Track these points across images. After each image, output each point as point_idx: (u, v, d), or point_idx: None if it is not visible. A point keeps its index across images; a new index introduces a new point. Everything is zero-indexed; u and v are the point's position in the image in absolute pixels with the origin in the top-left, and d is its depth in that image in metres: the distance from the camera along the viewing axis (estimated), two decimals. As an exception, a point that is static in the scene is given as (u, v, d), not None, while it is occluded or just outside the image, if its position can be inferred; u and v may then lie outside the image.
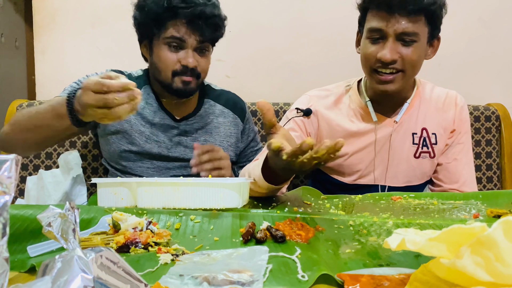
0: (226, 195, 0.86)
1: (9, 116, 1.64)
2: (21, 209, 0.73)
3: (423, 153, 1.20)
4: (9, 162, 0.39)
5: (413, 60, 1.09)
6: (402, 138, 1.20)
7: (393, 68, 1.10)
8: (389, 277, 0.53)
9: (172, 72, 1.18)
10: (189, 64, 1.17)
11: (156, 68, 1.21)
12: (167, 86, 1.21)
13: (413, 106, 1.22)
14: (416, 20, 1.07)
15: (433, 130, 1.21)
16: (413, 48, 1.09)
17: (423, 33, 1.10)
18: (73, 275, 0.39)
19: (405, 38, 1.08)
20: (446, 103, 1.24)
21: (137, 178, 0.96)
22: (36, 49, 1.85)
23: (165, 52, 1.18)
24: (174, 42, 1.17)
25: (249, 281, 0.52)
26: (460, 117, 1.23)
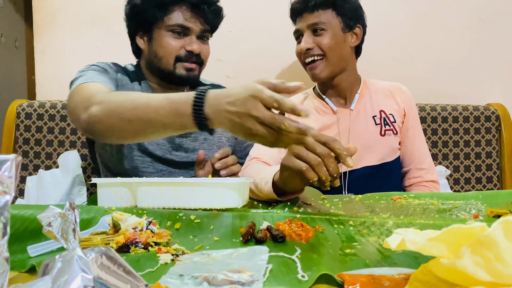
0: (226, 195, 0.86)
1: (9, 116, 1.65)
2: (21, 209, 0.73)
3: (387, 130, 1.35)
4: (10, 162, 0.39)
5: (327, 44, 1.29)
6: (363, 123, 1.35)
7: (314, 55, 1.30)
8: (389, 277, 0.53)
9: (176, 58, 1.17)
10: (194, 50, 1.17)
11: (156, 56, 1.18)
12: (169, 74, 1.18)
13: (364, 96, 1.39)
14: (322, 13, 1.30)
15: (389, 111, 1.37)
16: (324, 35, 1.29)
17: (333, 23, 1.30)
18: (73, 275, 0.39)
19: (315, 28, 1.30)
20: (393, 90, 1.40)
21: (137, 178, 0.96)
22: (36, 49, 1.85)
23: (168, 39, 1.16)
24: (177, 29, 1.16)
25: (249, 281, 0.52)
26: (408, 102, 1.39)
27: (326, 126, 1.35)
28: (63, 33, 1.82)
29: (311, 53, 1.30)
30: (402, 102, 1.38)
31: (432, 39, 1.85)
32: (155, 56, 1.19)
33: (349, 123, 1.34)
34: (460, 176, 1.71)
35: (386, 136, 1.35)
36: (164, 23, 1.16)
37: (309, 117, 0.94)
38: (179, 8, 1.16)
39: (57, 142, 1.63)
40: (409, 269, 0.56)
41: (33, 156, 1.63)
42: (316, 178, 0.82)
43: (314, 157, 0.82)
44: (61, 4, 1.82)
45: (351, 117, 1.35)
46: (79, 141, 1.64)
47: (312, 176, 0.82)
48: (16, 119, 1.64)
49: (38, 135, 1.64)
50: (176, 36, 1.16)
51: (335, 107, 1.37)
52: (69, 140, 1.64)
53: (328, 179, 0.82)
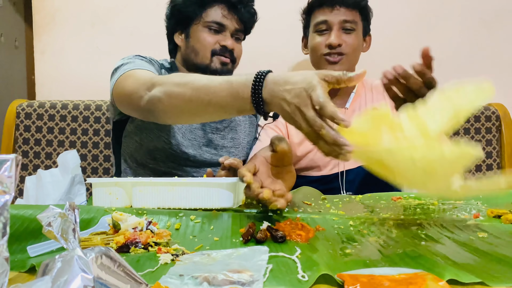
0: (221, 194, 0.86)
1: (9, 116, 1.65)
2: (21, 209, 0.73)
3: None
4: (9, 161, 0.39)
5: (353, 45, 1.30)
6: None
7: (337, 53, 1.30)
8: (389, 277, 0.53)
9: (212, 51, 1.23)
10: (228, 45, 1.23)
11: (194, 51, 1.25)
12: (205, 67, 1.23)
13: (360, 95, 1.38)
14: (354, 14, 1.31)
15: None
16: (353, 36, 1.30)
17: (359, 25, 1.32)
18: (73, 275, 0.39)
19: (347, 26, 1.29)
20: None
21: (132, 178, 0.96)
22: (36, 49, 1.85)
23: (205, 34, 1.23)
24: (214, 25, 1.23)
25: (249, 281, 0.52)
26: None
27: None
28: (63, 33, 1.82)
29: (336, 50, 1.29)
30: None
31: (432, 39, 1.85)
32: (193, 50, 1.25)
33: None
34: (460, 176, 1.71)
35: None
36: (202, 20, 1.23)
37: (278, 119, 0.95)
38: (217, 5, 1.23)
39: (56, 142, 1.63)
40: (409, 269, 0.56)
41: (32, 156, 1.63)
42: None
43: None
44: (61, 4, 1.82)
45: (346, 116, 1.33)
46: (79, 141, 1.64)
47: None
48: (16, 119, 1.64)
49: (38, 135, 1.63)
50: (212, 32, 1.23)
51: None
52: (69, 140, 1.63)
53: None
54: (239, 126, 1.35)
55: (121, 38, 1.81)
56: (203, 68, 1.24)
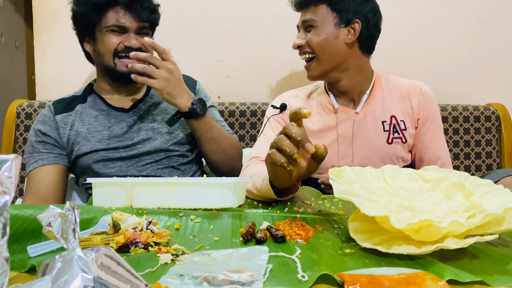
0: (222, 194, 0.86)
1: (9, 116, 1.65)
2: (21, 209, 0.73)
3: (395, 138, 1.27)
4: (9, 162, 0.39)
5: (314, 41, 1.24)
6: (370, 127, 1.27)
7: (305, 53, 1.26)
8: (389, 277, 0.53)
9: (114, 52, 1.24)
10: (132, 45, 1.23)
11: (99, 54, 1.27)
12: (111, 71, 1.26)
13: (375, 97, 1.29)
14: (316, 9, 1.24)
15: (401, 118, 1.27)
16: (313, 32, 1.24)
17: (326, 19, 1.23)
18: (73, 275, 0.39)
19: (305, 25, 1.26)
20: (411, 91, 1.29)
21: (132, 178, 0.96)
22: (36, 49, 1.85)
23: (107, 36, 1.24)
24: (115, 28, 1.24)
25: (249, 281, 0.52)
26: (425, 105, 1.28)
27: (330, 127, 1.29)
28: (63, 33, 1.82)
29: (302, 50, 1.27)
30: (419, 105, 1.28)
31: (432, 39, 1.85)
32: (99, 54, 1.27)
33: (352, 127, 1.26)
34: (460, 176, 1.71)
35: (393, 144, 1.26)
36: (102, 25, 1.25)
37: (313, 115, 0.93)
38: (113, 9, 1.24)
39: (57, 142, 1.63)
40: (409, 269, 0.57)
41: (33, 156, 1.63)
42: (282, 158, 0.80)
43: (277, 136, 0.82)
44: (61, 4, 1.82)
45: (355, 121, 1.27)
46: (79, 141, 1.63)
47: (278, 157, 0.81)
48: (16, 119, 1.64)
49: (38, 135, 1.63)
50: (115, 34, 1.24)
51: (336, 104, 1.29)
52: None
53: (294, 150, 0.80)
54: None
55: (121, 38, 1.81)
56: (109, 71, 1.27)
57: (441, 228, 0.60)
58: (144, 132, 1.30)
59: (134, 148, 1.28)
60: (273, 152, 0.82)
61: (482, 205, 0.67)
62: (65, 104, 1.33)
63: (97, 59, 1.30)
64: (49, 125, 1.28)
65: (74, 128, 1.28)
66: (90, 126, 1.29)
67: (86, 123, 1.29)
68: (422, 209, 0.74)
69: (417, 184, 0.81)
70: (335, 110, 1.29)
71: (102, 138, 1.27)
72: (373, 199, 0.75)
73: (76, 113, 1.31)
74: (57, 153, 1.27)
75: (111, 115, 1.31)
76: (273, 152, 0.82)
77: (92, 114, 1.31)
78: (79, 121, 1.30)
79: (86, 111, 1.32)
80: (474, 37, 1.85)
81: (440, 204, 0.75)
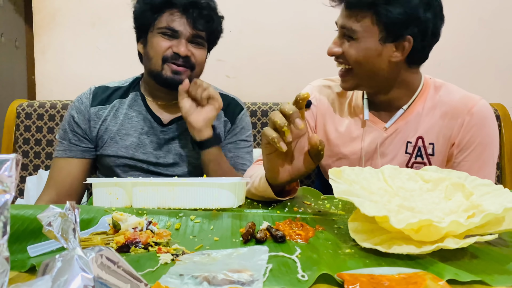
0: (222, 195, 0.86)
1: (9, 116, 1.65)
2: (21, 209, 0.73)
3: (416, 163, 1.11)
4: (10, 161, 0.39)
5: (351, 56, 1.05)
6: (395, 146, 1.13)
7: (342, 63, 1.08)
8: (388, 276, 0.53)
9: (162, 58, 1.19)
10: (180, 52, 1.17)
11: (148, 57, 1.22)
12: (157, 75, 1.21)
13: (413, 112, 1.12)
14: (357, 16, 1.02)
15: (431, 140, 1.10)
16: (350, 44, 1.05)
17: (369, 32, 1.02)
18: (73, 275, 0.39)
19: (345, 33, 1.05)
20: (458, 108, 1.09)
21: (132, 178, 0.96)
22: (36, 49, 1.85)
23: (157, 39, 1.19)
24: (168, 31, 1.19)
25: (249, 281, 0.52)
26: (469, 128, 1.07)
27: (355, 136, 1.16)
28: (63, 33, 1.82)
29: (338, 59, 1.09)
30: (461, 126, 1.08)
31: (432, 39, 1.85)
32: (147, 57, 1.22)
33: (377, 142, 1.13)
34: (460, 176, 1.71)
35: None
36: (156, 26, 1.20)
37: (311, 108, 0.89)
38: (169, 11, 1.19)
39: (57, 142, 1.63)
40: (409, 269, 0.57)
41: (33, 156, 1.63)
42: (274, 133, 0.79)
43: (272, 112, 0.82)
44: (61, 4, 1.82)
45: (381, 136, 1.13)
46: (79, 141, 1.63)
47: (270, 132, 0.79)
48: (16, 119, 1.64)
49: (38, 135, 1.64)
50: (165, 38, 1.19)
51: (367, 116, 1.14)
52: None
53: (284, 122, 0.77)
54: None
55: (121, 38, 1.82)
56: (155, 75, 1.21)
57: (441, 228, 0.60)
58: (172, 156, 1.27)
59: (157, 167, 1.26)
60: (266, 128, 0.81)
61: (482, 205, 0.67)
62: (105, 95, 1.29)
63: (145, 61, 1.26)
64: (83, 115, 1.26)
65: (106, 123, 1.26)
66: (122, 127, 1.26)
67: (119, 121, 1.26)
68: (422, 209, 0.74)
69: (417, 184, 0.81)
70: (364, 122, 1.15)
71: (129, 145, 1.25)
72: (373, 199, 0.75)
73: (112, 108, 1.27)
74: (85, 147, 1.26)
75: (146, 122, 1.27)
76: (266, 128, 0.81)
77: (128, 114, 1.27)
78: (112, 117, 1.26)
79: (123, 108, 1.28)
80: (474, 37, 1.85)
81: (440, 204, 0.75)
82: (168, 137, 1.27)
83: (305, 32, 1.83)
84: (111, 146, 1.24)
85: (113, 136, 1.24)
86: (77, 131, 1.25)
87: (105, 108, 1.27)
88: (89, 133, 1.25)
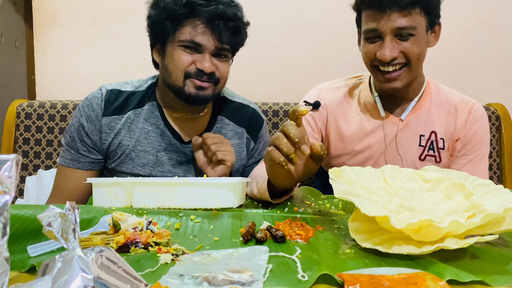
0: (222, 194, 0.86)
1: (9, 116, 1.65)
2: (21, 209, 0.73)
3: (429, 156, 1.18)
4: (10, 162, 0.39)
5: (414, 52, 1.08)
6: (409, 138, 1.18)
7: (396, 64, 1.09)
8: (389, 277, 0.53)
9: (185, 73, 1.07)
10: (205, 69, 1.06)
11: (167, 71, 1.10)
12: (178, 91, 1.09)
13: (422, 107, 1.19)
14: (410, 13, 1.06)
15: (441, 135, 1.18)
16: (411, 41, 1.07)
17: (420, 25, 1.08)
18: (73, 275, 0.39)
19: (402, 33, 1.07)
20: (460, 108, 1.19)
21: (132, 178, 0.95)
22: (36, 49, 1.85)
23: (179, 53, 1.07)
24: (190, 44, 1.06)
25: (249, 281, 0.52)
26: (471, 126, 1.17)
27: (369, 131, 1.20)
28: (63, 33, 1.82)
29: (393, 62, 1.08)
30: (464, 124, 1.17)
31: (432, 39, 1.85)
32: (166, 70, 1.10)
33: (395, 134, 1.18)
34: (460, 176, 1.71)
35: (425, 161, 1.18)
36: (176, 38, 1.07)
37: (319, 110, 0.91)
38: (192, 22, 1.06)
39: (57, 142, 1.63)
40: (409, 269, 0.57)
41: (33, 156, 1.63)
42: (281, 157, 0.80)
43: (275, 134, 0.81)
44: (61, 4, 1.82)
45: (398, 128, 1.18)
46: (79, 141, 1.63)
47: (277, 155, 0.80)
48: (16, 119, 1.64)
49: (38, 135, 1.64)
50: (187, 51, 1.07)
51: (383, 112, 1.19)
52: (69, 140, 1.64)
53: (291, 150, 0.79)
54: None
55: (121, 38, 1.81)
56: (177, 90, 1.09)
57: (441, 228, 0.60)
58: (191, 176, 1.17)
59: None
60: (272, 149, 0.81)
61: (482, 205, 0.67)
62: (119, 103, 1.15)
63: (163, 73, 1.12)
64: (94, 124, 1.13)
65: (119, 137, 1.14)
66: (138, 144, 1.14)
67: (135, 137, 1.14)
68: (422, 209, 0.74)
69: (417, 184, 0.81)
70: (381, 116, 1.19)
71: (146, 164, 1.14)
72: (373, 199, 0.75)
73: (126, 120, 1.14)
74: (94, 159, 1.15)
75: (164, 139, 1.16)
76: (272, 150, 0.81)
77: (144, 129, 1.15)
78: (126, 131, 1.14)
79: (139, 121, 1.15)
80: (474, 37, 1.85)
81: (440, 204, 0.75)
82: (188, 157, 1.17)
83: (305, 32, 1.83)
84: (126, 163, 1.14)
85: (128, 153, 1.14)
86: (86, 142, 1.13)
87: (119, 119, 1.14)
88: (99, 145, 1.14)
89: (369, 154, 1.21)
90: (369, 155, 1.21)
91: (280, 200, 0.93)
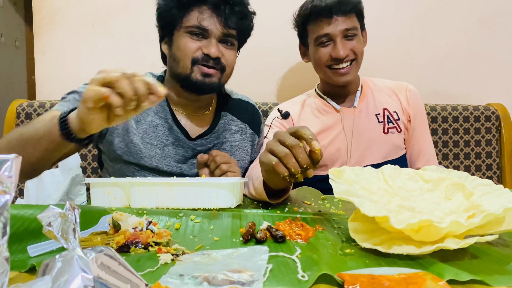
0: (220, 195, 0.86)
1: (9, 116, 1.64)
2: (21, 209, 0.73)
3: (391, 128, 1.35)
4: (10, 161, 0.39)
5: (359, 49, 1.31)
6: (366, 121, 1.35)
7: (347, 61, 1.29)
8: (389, 277, 0.53)
9: (192, 60, 1.09)
10: (211, 53, 1.08)
11: (175, 59, 1.12)
12: (186, 78, 1.11)
13: (366, 94, 1.39)
14: (351, 18, 1.29)
15: (393, 109, 1.37)
16: (356, 40, 1.30)
17: (358, 27, 1.31)
18: (73, 275, 0.39)
19: (349, 34, 1.28)
20: (397, 89, 1.40)
21: (130, 178, 0.95)
22: (36, 49, 1.85)
23: (185, 40, 1.09)
24: (195, 30, 1.09)
25: (249, 281, 0.52)
26: (414, 101, 1.38)
27: (330, 126, 1.35)
28: (63, 33, 1.82)
29: (345, 59, 1.29)
30: (407, 101, 1.38)
31: (432, 39, 1.85)
32: (174, 59, 1.12)
33: (352, 121, 1.34)
34: (460, 176, 1.71)
35: (389, 134, 1.34)
36: (183, 25, 1.10)
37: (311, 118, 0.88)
38: (197, 8, 1.09)
39: (57, 142, 1.63)
40: (409, 269, 0.57)
41: (33, 156, 1.63)
42: (286, 172, 0.80)
43: (282, 149, 0.81)
44: (61, 4, 1.82)
45: (355, 115, 1.35)
46: (79, 141, 1.63)
47: (282, 170, 0.80)
48: (16, 119, 1.64)
49: (38, 135, 1.63)
50: (194, 38, 1.09)
51: (338, 106, 1.36)
52: (69, 140, 1.64)
53: (298, 171, 0.80)
54: (232, 148, 1.24)
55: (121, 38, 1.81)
56: (184, 78, 1.11)
57: (441, 228, 0.60)
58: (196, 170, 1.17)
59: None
60: (277, 163, 0.81)
61: (482, 205, 0.67)
62: None
63: (171, 63, 1.15)
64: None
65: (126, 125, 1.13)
66: (146, 135, 1.14)
67: (142, 128, 1.15)
68: (422, 209, 0.74)
69: (417, 184, 0.81)
70: (337, 109, 1.36)
71: (153, 156, 1.14)
72: (373, 199, 0.75)
73: None
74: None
75: (172, 133, 1.17)
76: (277, 164, 0.81)
77: (153, 122, 1.16)
78: (134, 120, 1.15)
79: (148, 113, 1.16)
80: (474, 37, 1.85)
81: (440, 204, 0.75)
82: (194, 153, 1.18)
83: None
84: (133, 154, 1.13)
85: (136, 143, 1.13)
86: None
87: None
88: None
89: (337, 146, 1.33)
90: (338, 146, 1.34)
91: (278, 201, 0.93)
